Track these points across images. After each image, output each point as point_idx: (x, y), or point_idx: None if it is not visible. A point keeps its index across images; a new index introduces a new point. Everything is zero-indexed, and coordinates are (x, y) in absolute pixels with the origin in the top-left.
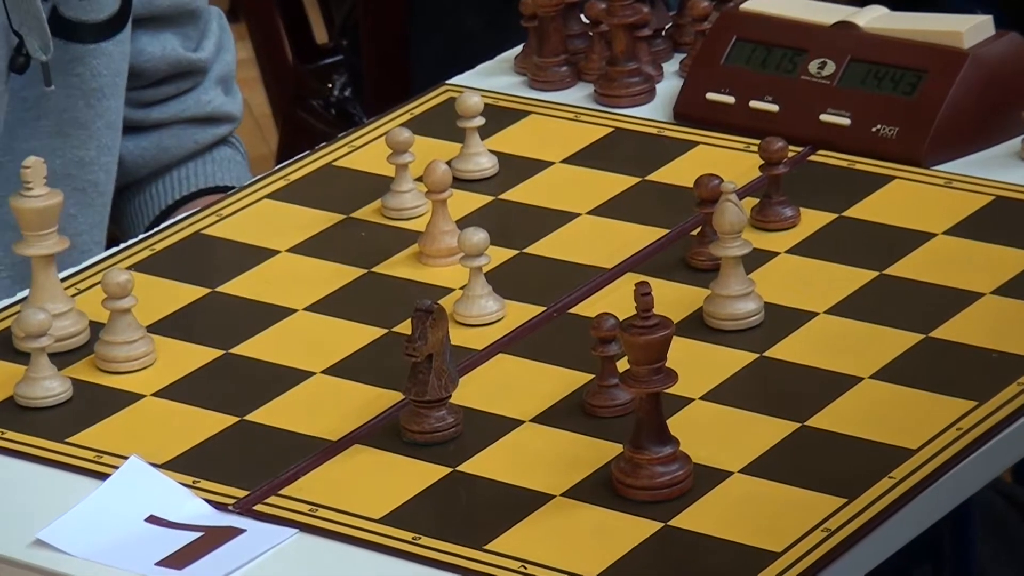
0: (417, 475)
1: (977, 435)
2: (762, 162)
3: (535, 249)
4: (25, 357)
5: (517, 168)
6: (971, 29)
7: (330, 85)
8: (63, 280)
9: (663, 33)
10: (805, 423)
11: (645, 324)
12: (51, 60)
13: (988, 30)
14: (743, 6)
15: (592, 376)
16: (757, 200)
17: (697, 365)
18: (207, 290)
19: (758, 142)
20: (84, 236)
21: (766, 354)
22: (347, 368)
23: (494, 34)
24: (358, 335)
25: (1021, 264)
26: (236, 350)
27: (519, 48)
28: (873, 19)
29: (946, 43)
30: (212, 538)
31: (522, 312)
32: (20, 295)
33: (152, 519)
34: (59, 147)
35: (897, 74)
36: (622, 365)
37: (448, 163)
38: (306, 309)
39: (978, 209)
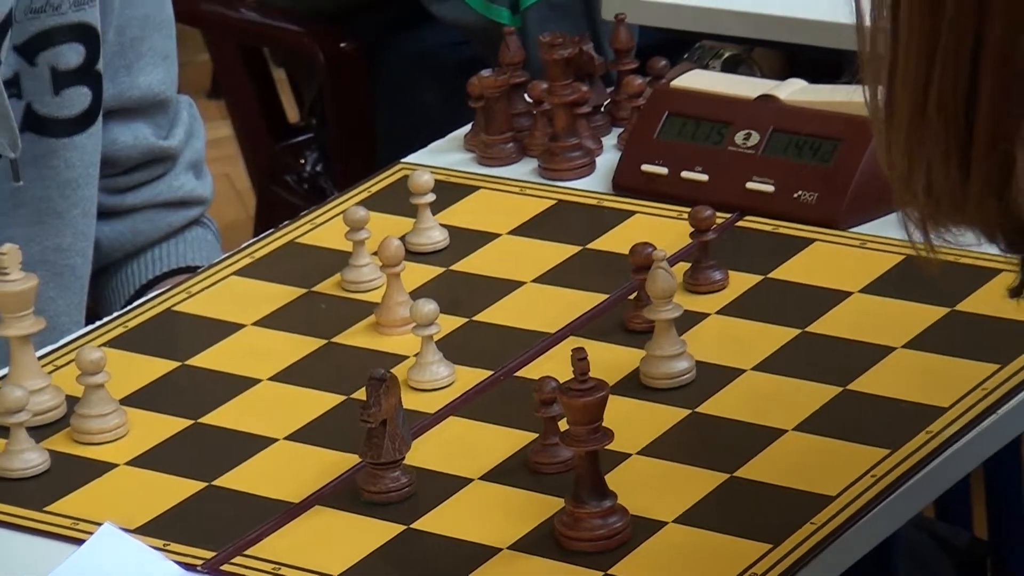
0: (374, 533)
1: (890, 481)
2: (693, 229)
3: (483, 316)
4: (4, 430)
5: (467, 240)
6: None
7: (302, 161)
8: (41, 358)
9: (601, 109)
10: (734, 474)
11: (582, 387)
12: (24, 155)
13: None
14: (673, 83)
15: (536, 435)
16: (689, 264)
17: (634, 422)
18: (177, 363)
19: (689, 210)
20: (63, 317)
21: (698, 410)
22: (308, 434)
23: (450, 109)
24: (318, 402)
25: (930, 319)
26: (204, 419)
27: (468, 127)
28: (792, 92)
29: (859, 113)
30: None
31: (471, 376)
32: (0, 372)
33: None
34: (37, 235)
35: (815, 143)
36: (563, 425)
37: (402, 238)
38: (270, 379)
39: (891, 268)
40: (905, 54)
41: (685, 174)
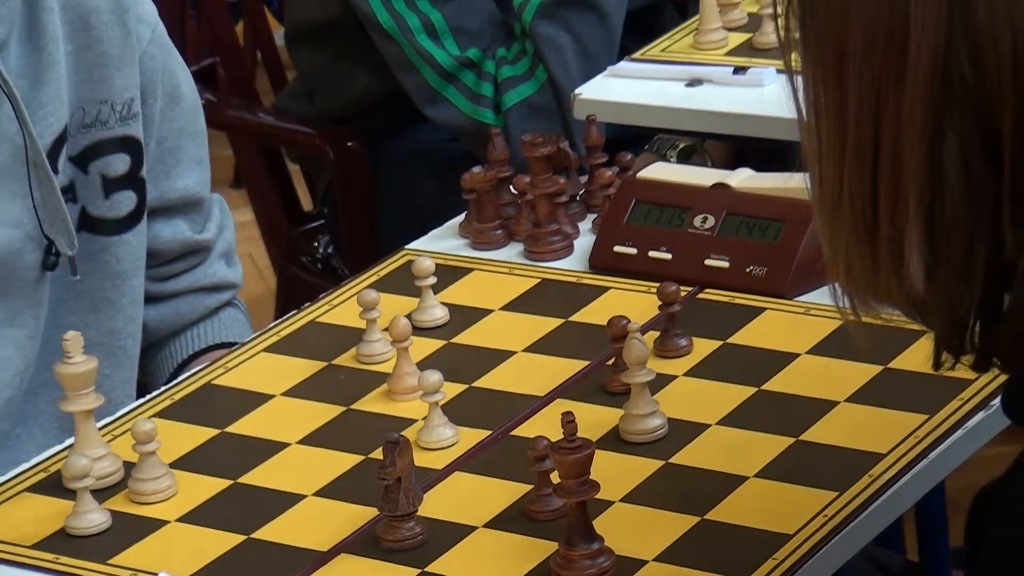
0: None
1: (839, 520)
2: (660, 302)
3: (482, 383)
4: (72, 494)
5: (465, 316)
6: None
7: (316, 244)
8: (100, 428)
9: (577, 198)
10: (704, 517)
11: (571, 446)
12: (80, 252)
13: None
14: (639, 175)
15: (531, 487)
16: (658, 333)
17: (615, 473)
18: (217, 431)
19: (657, 285)
20: (117, 391)
21: (671, 461)
22: (332, 490)
23: (443, 197)
24: (340, 462)
25: (867, 376)
26: (242, 479)
27: (462, 216)
28: (742, 180)
29: (800, 197)
30: None
31: (473, 436)
32: (67, 442)
33: None
34: (93, 321)
35: (763, 225)
36: (555, 477)
37: (408, 316)
38: (298, 442)
39: (832, 331)
40: (826, 154)
41: (652, 253)
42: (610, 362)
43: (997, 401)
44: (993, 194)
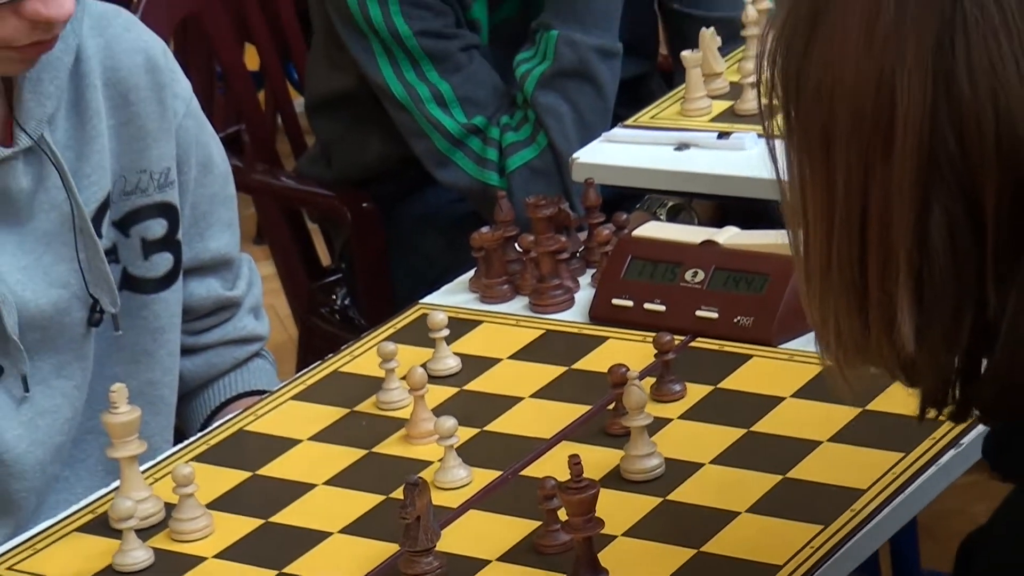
0: None
1: (825, 551)
2: (656, 351)
3: (492, 427)
4: (118, 533)
5: (476, 365)
6: None
7: (334, 297)
8: (143, 472)
9: (577, 255)
10: (700, 549)
11: (578, 486)
12: (122, 309)
13: None
14: (634, 233)
15: (540, 523)
16: (654, 379)
17: (618, 510)
18: (249, 473)
19: (652, 335)
20: (156, 437)
21: (668, 498)
22: (356, 527)
23: (451, 255)
24: (363, 502)
25: (847, 417)
26: (273, 519)
27: (471, 272)
28: (729, 237)
29: (782, 253)
30: None
31: (485, 476)
32: (112, 485)
33: None
34: (134, 372)
35: (749, 278)
36: (562, 514)
37: (423, 365)
38: (324, 484)
39: (814, 376)
40: (813, 224)
41: (647, 306)
42: (611, 407)
43: (966, 439)
44: (977, 261)
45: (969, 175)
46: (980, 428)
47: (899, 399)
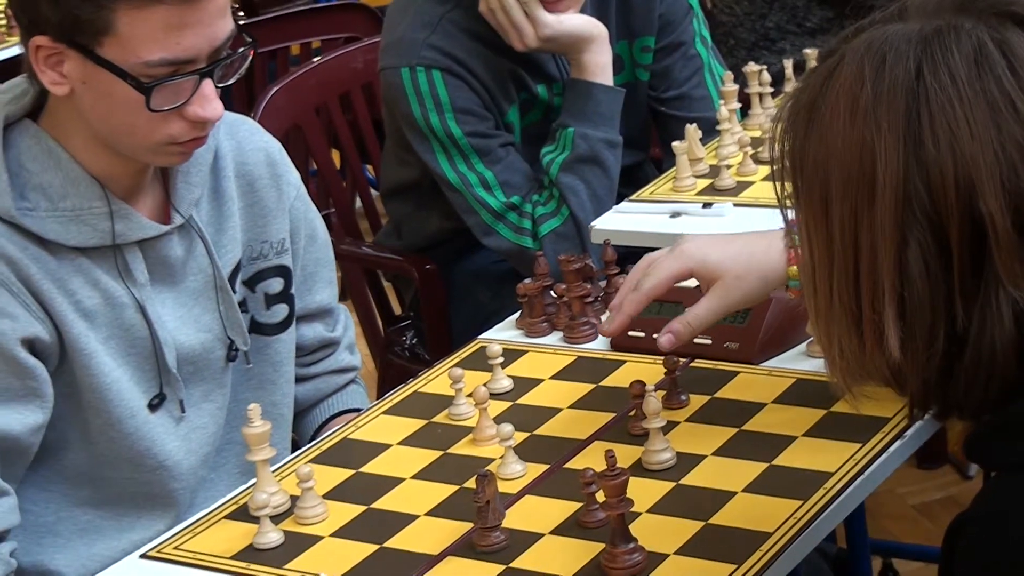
0: (485, 572)
1: (804, 521)
2: (665, 370)
3: (540, 431)
4: (256, 519)
5: (524, 385)
6: None
7: (404, 338)
8: (273, 471)
9: (599, 299)
10: (707, 522)
11: (612, 474)
12: (251, 347)
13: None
14: None
15: (582, 504)
16: (664, 392)
17: (641, 492)
18: (353, 471)
19: (661, 359)
20: (278, 446)
21: (680, 483)
22: (438, 510)
23: (497, 303)
24: (442, 491)
25: (816, 416)
26: (374, 505)
27: (517, 314)
28: None
29: None
30: None
31: (537, 469)
32: (249, 483)
33: None
34: (260, 397)
35: (734, 313)
36: (600, 496)
37: (484, 385)
38: (411, 478)
39: (789, 386)
40: (818, 272)
41: (656, 336)
42: (632, 413)
43: (908, 432)
44: (947, 283)
45: (937, 215)
46: (919, 424)
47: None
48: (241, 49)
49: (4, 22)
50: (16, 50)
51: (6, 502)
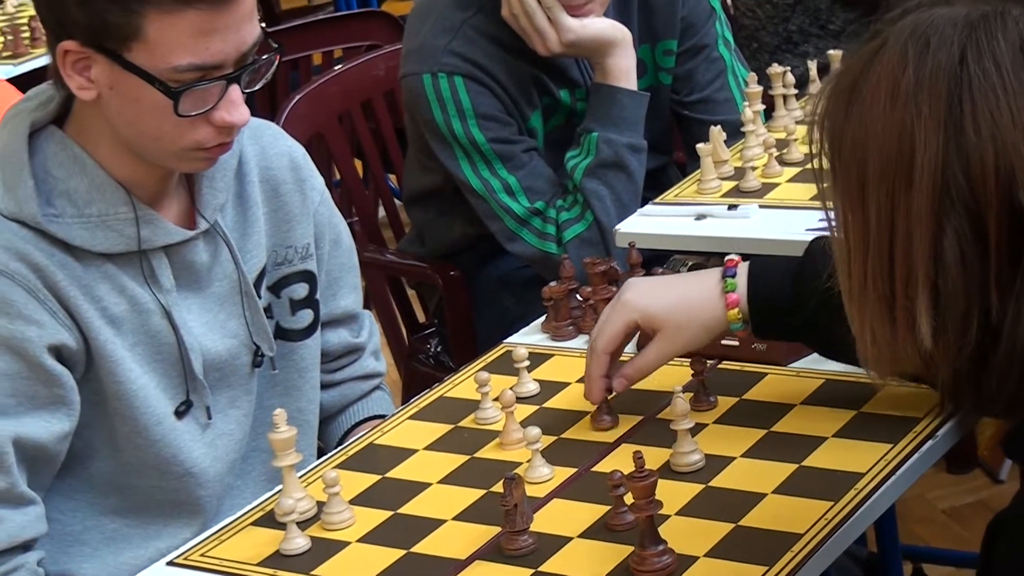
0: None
1: (836, 523)
2: (692, 372)
3: (568, 435)
4: (282, 525)
5: (550, 388)
6: None
7: (428, 345)
8: (299, 477)
9: None
10: (737, 523)
11: (641, 475)
12: (277, 353)
13: None
14: None
15: (609, 507)
16: (692, 393)
17: (670, 494)
18: (380, 476)
19: (688, 361)
20: (304, 451)
21: (709, 484)
22: (465, 515)
23: (521, 308)
24: (469, 495)
25: (846, 417)
26: (401, 511)
27: (542, 318)
28: None
29: None
30: None
31: (564, 472)
32: (275, 489)
33: None
34: (287, 402)
35: None
36: (628, 499)
37: (511, 389)
38: (438, 482)
39: (818, 387)
40: (853, 256)
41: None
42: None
43: (940, 432)
44: (983, 274)
45: (975, 203)
46: (950, 424)
47: (887, 402)
48: (267, 55)
49: (28, 34)
50: (40, 62)
51: (33, 511)
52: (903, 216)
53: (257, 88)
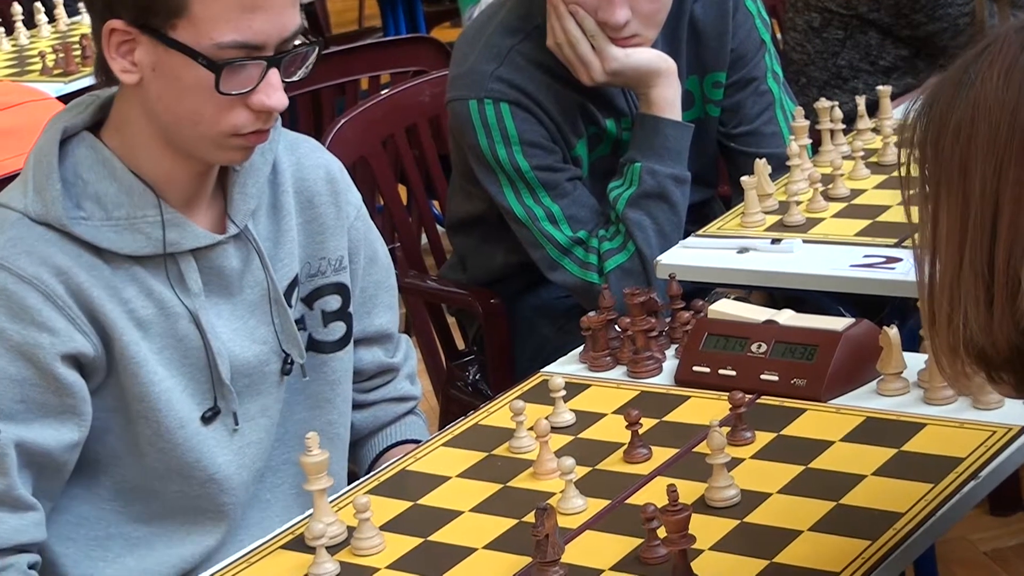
0: None
1: (873, 562)
2: (730, 406)
3: (602, 466)
4: (312, 550)
5: (586, 419)
6: (843, 324)
7: (467, 373)
8: (330, 501)
9: (663, 333)
10: (772, 560)
11: (675, 509)
12: (308, 364)
13: (850, 322)
14: (709, 312)
15: (643, 540)
16: (729, 428)
17: (704, 529)
18: (411, 503)
19: (726, 395)
20: (334, 466)
21: (745, 520)
22: (497, 544)
23: (561, 338)
24: (501, 524)
25: (886, 456)
26: (432, 538)
27: (580, 348)
28: (787, 318)
29: (828, 329)
30: None
31: (598, 504)
32: (306, 513)
33: None
34: (316, 416)
35: (802, 349)
36: (661, 532)
37: (546, 418)
38: (470, 511)
39: (858, 424)
40: (943, 247)
41: (721, 371)
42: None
43: (983, 473)
44: None
45: None
46: (994, 465)
47: (928, 441)
48: (307, 46)
49: (79, 52)
50: (90, 80)
51: (31, 516)
52: (1011, 185)
53: (296, 78)
